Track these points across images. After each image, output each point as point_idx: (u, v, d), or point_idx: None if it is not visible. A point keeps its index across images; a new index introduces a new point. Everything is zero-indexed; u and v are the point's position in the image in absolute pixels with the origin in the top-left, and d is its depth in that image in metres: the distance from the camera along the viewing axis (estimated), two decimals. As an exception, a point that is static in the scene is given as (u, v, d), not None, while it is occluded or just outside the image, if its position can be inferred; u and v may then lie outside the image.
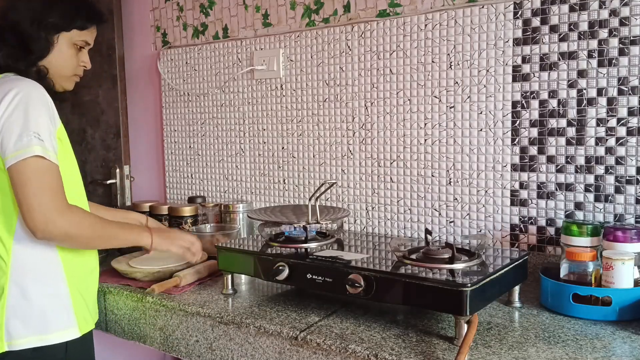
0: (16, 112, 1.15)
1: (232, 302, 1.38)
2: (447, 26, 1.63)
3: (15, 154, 1.13)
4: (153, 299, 1.43)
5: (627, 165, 1.41)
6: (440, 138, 1.67)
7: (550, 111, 1.50)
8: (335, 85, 1.86)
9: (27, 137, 1.13)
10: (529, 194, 1.54)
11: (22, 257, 1.20)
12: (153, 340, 1.45)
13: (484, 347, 1.08)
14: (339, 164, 1.88)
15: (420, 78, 1.69)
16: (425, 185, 1.71)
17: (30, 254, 1.21)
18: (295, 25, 1.94)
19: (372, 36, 1.77)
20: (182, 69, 2.26)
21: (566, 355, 1.04)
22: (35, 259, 1.21)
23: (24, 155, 1.12)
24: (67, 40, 1.30)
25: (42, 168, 1.14)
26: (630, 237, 1.25)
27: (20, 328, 1.18)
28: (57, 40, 1.29)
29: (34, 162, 1.13)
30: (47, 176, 1.15)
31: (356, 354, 1.09)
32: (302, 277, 1.28)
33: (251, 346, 1.26)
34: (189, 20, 2.23)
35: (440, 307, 1.13)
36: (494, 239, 1.60)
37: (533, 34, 1.50)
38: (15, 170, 1.13)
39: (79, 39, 1.32)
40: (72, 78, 1.36)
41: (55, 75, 1.31)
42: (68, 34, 1.30)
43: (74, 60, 1.33)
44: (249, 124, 2.10)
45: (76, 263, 1.28)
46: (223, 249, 1.44)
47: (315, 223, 1.49)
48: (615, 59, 1.40)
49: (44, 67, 1.28)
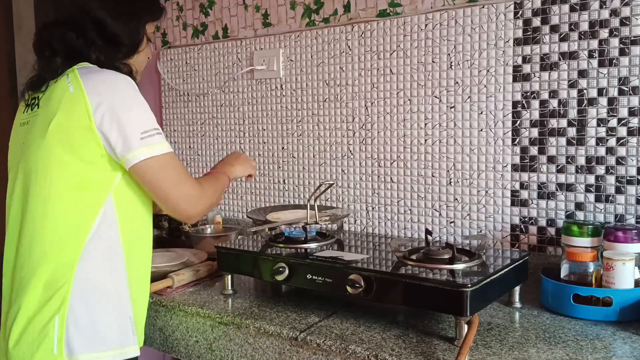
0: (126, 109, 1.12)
1: (232, 303, 1.38)
2: (447, 26, 1.62)
3: (141, 151, 1.11)
4: (152, 299, 1.43)
5: (627, 165, 1.41)
6: (440, 138, 1.67)
7: (551, 111, 1.49)
8: (335, 85, 1.86)
9: (151, 133, 1.13)
10: (530, 194, 1.54)
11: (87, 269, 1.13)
12: (153, 340, 1.44)
13: (485, 347, 1.08)
14: (339, 164, 1.88)
15: (420, 78, 1.69)
16: (425, 185, 1.71)
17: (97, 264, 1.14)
18: (295, 25, 1.94)
19: (372, 36, 1.76)
20: (181, 69, 2.26)
21: (567, 355, 1.03)
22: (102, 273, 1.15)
23: (155, 152, 1.13)
24: (148, 33, 1.29)
25: (173, 161, 1.17)
26: (631, 238, 1.25)
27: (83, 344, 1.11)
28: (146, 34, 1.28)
29: (166, 157, 1.15)
30: (179, 167, 1.19)
31: (356, 355, 1.09)
32: (302, 278, 1.28)
33: (251, 347, 1.26)
34: (188, 20, 2.23)
35: (441, 308, 1.13)
36: (495, 239, 1.59)
37: (533, 33, 1.50)
38: (146, 166, 1.12)
39: (150, 31, 1.30)
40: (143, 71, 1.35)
41: (138, 71, 1.30)
42: (149, 26, 1.28)
43: (147, 54, 1.33)
44: (248, 124, 2.09)
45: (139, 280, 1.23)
46: (223, 249, 1.44)
47: (314, 223, 1.49)
48: (615, 59, 1.40)
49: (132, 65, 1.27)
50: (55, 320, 1.10)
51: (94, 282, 1.13)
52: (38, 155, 1.14)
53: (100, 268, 1.15)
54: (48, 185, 1.13)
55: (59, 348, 1.09)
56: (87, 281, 1.12)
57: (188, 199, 1.19)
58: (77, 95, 1.11)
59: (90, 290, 1.13)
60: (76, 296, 1.11)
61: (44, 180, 1.13)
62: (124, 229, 1.17)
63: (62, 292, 1.11)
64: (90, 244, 1.13)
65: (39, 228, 1.14)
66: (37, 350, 1.09)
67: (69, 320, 1.10)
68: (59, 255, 1.12)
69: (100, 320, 1.13)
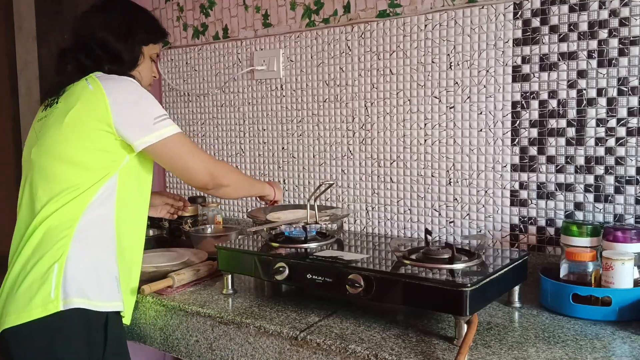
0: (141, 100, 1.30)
1: (232, 302, 1.38)
2: (447, 26, 1.63)
3: (156, 134, 1.28)
4: (153, 299, 1.43)
5: (626, 165, 1.41)
6: (440, 138, 1.67)
7: (550, 111, 1.50)
8: (335, 85, 1.86)
9: (163, 118, 1.30)
10: (529, 194, 1.54)
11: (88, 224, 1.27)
12: (153, 340, 1.45)
13: (484, 347, 1.08)
14: (339, 164, 1.88)
15: (420, 78, 1.69)
16: (425, 185, 1.71)
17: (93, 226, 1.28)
18: (295, 25, 1.94)
19: (372, 36, 1.77)
20: (182, 69, 2.26)
21: (566, 355, 1.04)
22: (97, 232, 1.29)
23: (167, 133, 1.30)
24: (147, 52, 1.47)
25: (185, 139, 1.35)
26: (630, 238, 1.25)
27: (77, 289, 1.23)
28: (143, 53, 1.45)
29: (178, 137, 1.32)
30: (192, 143, 1.38)
31: (356, 354, 1.09)
32: (302, 277, 1.28)
33: (251, 346, 1.26)
34: (189, 21, 2.23)
35: (440, 307, 1.13)
36: (494, 239, 1.60)
37: (533, 34, 1.50)
38: (162, 146, 1.30)
39: (154, 52, 1.50)
40: (148, 88, 1.47)
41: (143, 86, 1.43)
42: (147, 48, 1.47)
43: (150, 71, 1.51)
44: (249, 124, 2.10)
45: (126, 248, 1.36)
46: (223, 249, 1.44)
47: (314, 223, 1.49)
48: (615, 60, 1.41)
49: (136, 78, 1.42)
50: (55, 268, 1.22)
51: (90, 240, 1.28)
52: (53, 138, 1.29)
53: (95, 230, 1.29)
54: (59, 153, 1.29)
55: (56, 292, 1.21)
56: (84, 238, 1.26)
57: (205, 164, 1.36)
58: (96, 93, 1.28)
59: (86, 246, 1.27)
60: (75, 248, 1.25)
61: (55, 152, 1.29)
62: (120, 206, 1.32)
63: (63, 243, 1.24)
64: (92, 206, 1.28)
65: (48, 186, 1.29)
66: (36, 295, 1.20)
67: (67, 268, 1.23)
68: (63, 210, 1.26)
69: (92, 273, 1.26)
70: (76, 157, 1.27)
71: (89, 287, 1.24)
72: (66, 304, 1.21)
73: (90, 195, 1.28)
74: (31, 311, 1.20)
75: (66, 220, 1.26)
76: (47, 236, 1.25)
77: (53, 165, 1.29)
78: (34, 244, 1.26)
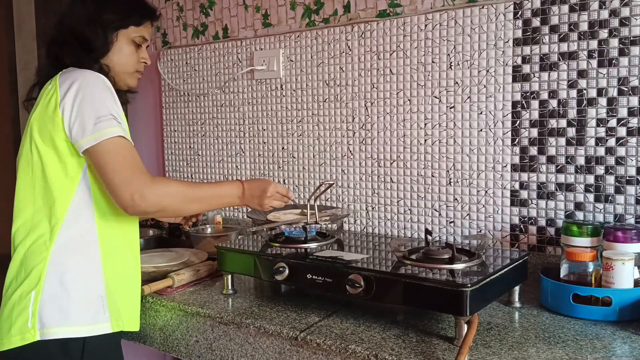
0: (88, 97, 1.19)
1: (232, 302, 1.38)
2: (447, 26, 1.63)
3: (94, 136, 1.16)
4: (153, 299, 1.43)
5: (627, 165, 1.41)
6: (440, 138, 1.67)
7: (551, 111, 1.50)
8: (335, 85, 1.86)
9: (106, 118, 1.17)
10: (529, 194, 1.54)
11: (63, 244, 1.21)
12: (153, 340, 1.45)
13: (484, 347, 1.08)
14: (339, 164, 1.88)
15: (420, 78, 1.69)
16: (425, 185, 1.71)
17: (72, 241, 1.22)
18: (295, 25, 1.94)
19: (372, 36, 1.76)
20: (182, 69, 2.26)
21: (566, 355, 1.04)
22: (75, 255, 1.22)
23: (105, 136, 1.16)
24: (126, 37, 1.35)
25: (121, 146, 1.18)
26: (630, 238, 1.25)
27: (55, 317, 1.18)
28: (117, 38, 1.33)
29: (115, 141, 1.17)
30: (128, 153, 1.18)
31: (356, 354, 1.09)
32: (302, 277, 1.28)
33: (251, 346, 1.26)
34: (189, 21, 2.23)
35: (440, 308, 1.13)
36: (494, 239, 1.59)
37: (533, 34, 1.50)
38: (95, 151, 1.16)
39: (136, 35, 1.36)
40: (134, 74, 1.40)
41: (119, 72, 1.35)
42: (126, 31, 1.34)
43: (134, 57, 1.37)
44: (249, 124, 2.10)
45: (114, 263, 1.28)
46: (223, 249, 1.44)
47: (314, 223, 1.49)
48: (615, 59, 1.40)
49: (106, 65, 1.32)
50: (31, 295, 1.19)
51: (68, 262, 1.21)
52: (24, 147, 1.26)
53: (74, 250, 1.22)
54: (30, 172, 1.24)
55: (32, 321, 1.18)
56: (60, 261, 1.21)
57: (129, 187, 1.15)
58: (52, 90, 1.22)
59: (64, 269, 1.21)
60: (51, 274, 1.20)
61: (27, 167, 1.25)
62: (102, 217, 1.25)
63: (39, 269, 1.20)
64: (65, 225, 1.21)
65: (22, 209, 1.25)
66: (15, 323, 1.19)
67: (44, 296, 1.19)
68: (35, 234, 1.22)
69: (72, 296, 1.20)
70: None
71: (68, 312, 1.19)
72: (43, 334, 1.17)
73: (60, 209, 1.21)
74: (11, 338, 1.18)
75: (41, 244, 1.21)
76: (26, 259, 1.22)
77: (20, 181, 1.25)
78: (17, 263, 1.23)
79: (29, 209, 1.24)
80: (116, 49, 1.33)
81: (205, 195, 1.30)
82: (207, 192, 1.31)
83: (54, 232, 1.21)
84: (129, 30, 1.35)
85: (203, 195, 1.29)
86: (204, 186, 1.31)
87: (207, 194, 1.30)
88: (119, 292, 1.28)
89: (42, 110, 1.22)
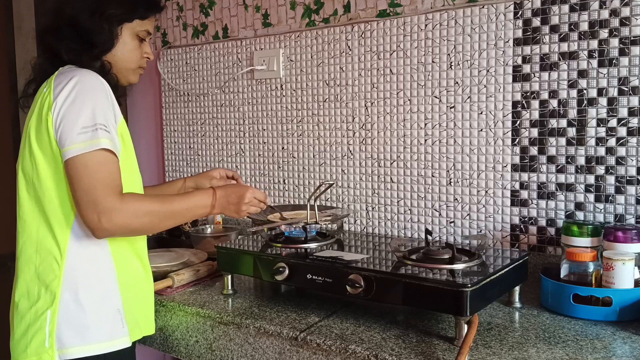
0: (77, 103, 1.11)
1: (232, 303, 1.38)
2: (447, 26, 1.62)
3: (78, 146, 1.09)
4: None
5: (627, 165, 1.41)
6: (440, 138, 1.67)
7: (551, 111, 1.50)
8: (335, 85, 1.86)
9: (91, 129, 1.10)
10: (530, 194, 1.54)
11: (76, 260, 1.16)
12: (153, 340, 1.44)
13: (484, 347, 1.08)
14: (339, 164, 1.88)
15: (420, 78, 1.69)
16: (425, 185, 1.71)
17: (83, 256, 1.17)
18: (295, 25, 1.94)
19: (372, 36, 1.76)
20: (182, 69, 2.26)
21: (566, 355, 1.04)
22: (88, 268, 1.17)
23: (85, 150, 1.09)
24: (130, 31, 1.28)
25: (99, 162, 1.10)
26: (630, 238, 1.25)
27: (73, 336, 1.15)
28: (121, 32, 1.26)
29: (95, 155, 1.09)
30: (104, 170, 1.10)
31: (356, 355, 1.09)
32: (302, 278, 1.28)
33: (251, 346, 1.26)
34: (188, 20, 2.23)
35: (441, 308, 1.13)
36: (494, 239, 1.59)
37: (533, 34, 1.50)
38: (72, 163, 1.09)
39: (141, 29, 1.30)
40: (137, 70, 1.33)
41: (122, 69, 1.28)
42: (130, 25, 1.27)
43: (138, 51, 1.31)
44: (249, 124, 2.09)
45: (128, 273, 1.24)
46: (223, 249, 1.44)
47: (314, 223, 1.49)
48: (615, 59, 1.40)
49: (108, 62, 1.25)
50: (47, 314, 1.15)
51: (81, 278, 1.17)
52: (24, 158, 1.19)
53: (86, 265, 1.17)
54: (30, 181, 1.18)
55: (50, 341, 1.14)
56: (74, 277, 1.16)
57: (96, 208, 1.09)
58: (47, 93, 1.16)
59: (77, 286, 1.16)
60: (65, 291, 1.15)
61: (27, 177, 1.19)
62: None
63: (53, 287, 1.15)
64: (73, 238, 1.16)
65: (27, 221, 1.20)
66: (30, 343, 1.15)
67: (60, 314, 1.15)
68: (44, 250, 1.17)
69: (89, 313, 1.16)
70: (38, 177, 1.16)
71: (87, 330, 1.15)
72: (62, 354, 1.14)
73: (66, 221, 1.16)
74: (27, 359, 1.14)
75: (52, 261, 1.16)
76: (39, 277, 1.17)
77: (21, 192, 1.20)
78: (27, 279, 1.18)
79: (33, 222, 1.19)
80: (120, 43, 1.26)
81: (177, 209, 1.21)
82: (179, 206, 1.22)
83: (63, 248, 1.16)
84: (133, 23, 1.27)
85: (175, 210, 1.21)
86: (175, 200, 1.23)
87: (179, 208, 1.22)
88: (136, 301, 1.25)
89: (38, 115, 1.16)
